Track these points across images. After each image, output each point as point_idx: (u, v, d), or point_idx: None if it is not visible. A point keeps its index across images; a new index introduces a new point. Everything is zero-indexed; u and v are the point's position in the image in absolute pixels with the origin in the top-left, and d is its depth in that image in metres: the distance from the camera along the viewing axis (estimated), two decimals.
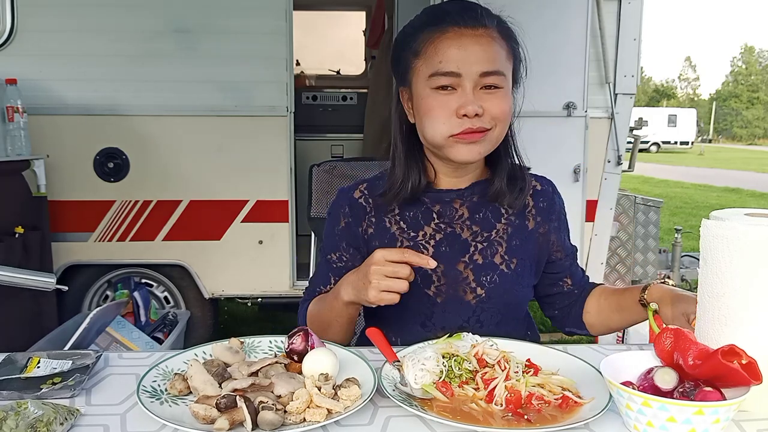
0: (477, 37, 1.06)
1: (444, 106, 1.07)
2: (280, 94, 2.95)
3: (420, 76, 1.10)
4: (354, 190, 1.24)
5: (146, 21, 2.85)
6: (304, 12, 4.79)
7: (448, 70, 1.06)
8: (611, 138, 3.14)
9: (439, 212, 1.19)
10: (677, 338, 0.82)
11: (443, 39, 1.07)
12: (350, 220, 1.22)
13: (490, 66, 1.06)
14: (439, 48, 1.07)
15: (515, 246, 1.19)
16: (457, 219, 1.19)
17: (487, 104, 1.07)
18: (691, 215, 9.19)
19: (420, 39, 1.09)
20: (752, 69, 70.02)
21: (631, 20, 3.06)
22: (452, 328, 1.14)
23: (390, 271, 0.99)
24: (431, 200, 1.19)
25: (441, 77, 1.06)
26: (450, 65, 1.06)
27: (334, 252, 1.23)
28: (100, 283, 3.13)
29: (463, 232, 1.18)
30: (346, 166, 1.70)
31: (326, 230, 1.26)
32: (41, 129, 2.79)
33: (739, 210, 0.93)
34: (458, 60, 1.05)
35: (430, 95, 1.08)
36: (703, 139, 53.83)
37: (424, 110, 1.09)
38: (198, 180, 2.98)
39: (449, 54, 1.06)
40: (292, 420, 0.79)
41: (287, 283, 3.10)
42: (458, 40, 1.06)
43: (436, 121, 1.08)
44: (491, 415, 0.82)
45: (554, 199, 1.25)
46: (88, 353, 0.99)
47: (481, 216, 1.19)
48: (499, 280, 1.17)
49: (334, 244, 1.23)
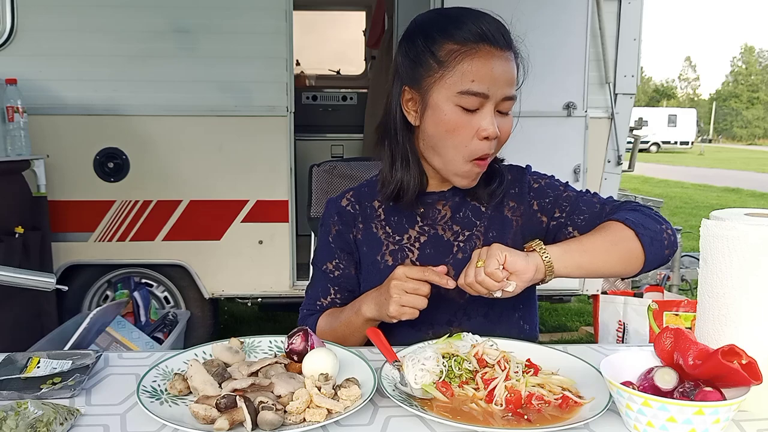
0: (504, 60, 1.06)
1: (468, 126, 1.06)
2: (280, 94, 2.95)
3: (443, 88, 1.07)
4: (341, 198, 1.26)
5: (146, 21, 2.85)
6: (304, 12, 4.80)
7: (480, 91, 1.04)
8: (611, 138, 3.14)
9: (422, 214, 1.20)
10: (677, 338, 0.82)
11: (476, 57, 1.04)
12: (341, 228, 1.24)
13: (511, 90, 1.07)
14: (472, 66, 1.04)
15: (492, 237, 1.19)
16: (440, 220, 1.20)
17: (500, 127, 1.08)
18: (691, 215, 9.19)
19: (446, 48, 1.06)
20: (752, 69, 70.04)
21: (631, 20, 3.06)
22: (440, 323, 1.16)
23: (411, 287, 1.02)
24: (415, 203, 1.19)
25: (471, 97, 1.05)
26: (482, 87, 1.04)
27: (330, 261, 1.24)
28: (100, 283, 3.13)
29: (445, 233, 1.20)
30: (346, 166, 1.70)
31: (319, 241, 1.28)
32: (41, 129, 2.79)
33: (739, 210, 0.93)
34: (490, 82, 1.04)
35: (455, 112, 1.06)
36: (703, 139, 53.82)
37: (447, 127, 1.07)
38: (198, 180, 2.98)
39: (482, 74, 1.04)
40: (292, 420, 0.79)
41: (287, 283, 3.10)
42: (491, 61, 1.05)
43: (457, 142, 1.08)
44: (491, 415, 0.82)
45: (524, 179, 1.23)
46: (88, 353, 0.99)
47: (462, 215, 1.20)
48: None
49: (329, 253, 1.25)
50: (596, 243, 1.06)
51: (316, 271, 1.27)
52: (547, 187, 1.21)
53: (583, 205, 1.17)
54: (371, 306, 1.09)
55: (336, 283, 1.24)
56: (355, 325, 1.13)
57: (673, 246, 1.09)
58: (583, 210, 1.17)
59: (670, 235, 1.09)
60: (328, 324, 1.21)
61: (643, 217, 1.10)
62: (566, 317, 4.37)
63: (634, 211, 1.12)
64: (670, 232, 1.10)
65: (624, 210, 1.13)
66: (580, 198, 1.19)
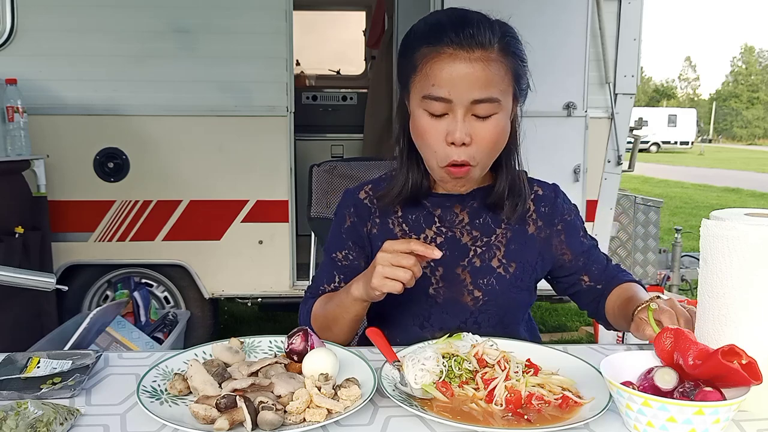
0: (472, 61, 1.00)
1: (434, 131, 1.05)
2: (280, 94, 2.95)
3: (415, 93, 1.07)
4: (359, 190, 1.24)
5: (146, 21, 2.85)
6: (304, 12, 4.79)
7: (439, 96, 1.02)
8: (611, 138, 3.14)
9: (439, 216, 1.19)
10: (677, 338, 0.82)
11: (438, 60, 1.02)
12: (355, 220, 1.22)
13: (483, 93, 1.01)
14: (433, 69, 1.02)
15: (513, 250, 1.19)
16: (458, 224, 1.19)
17: (476, 131, 1.04)
18: (691, 215, 9.19)
19: (419, 53, 1.05)
20: (752, 69, 70.03)
21: (631, 20, 3.06)
22: (450, 329, 1.14)
23: (395, 259, 0.98)
24: (432, 204, 1.19)
25: (432, 102, 1.03)
26: (441, 90, 1.02)
27: (340, 251, 1.23)
28: (100, 283, 3.13)
29: (463, 236, 1.19)
30: (346, 166, 1.70)
31: (332, 230, 1.26)
32: (41, 129, 2.78)
33: (739, 210, 0.93)
34: (449, 85, 1.01)
35: (423, 117, 1.06)
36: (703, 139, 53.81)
37: (418, 132, 1.08)
38: (198, 180, 2.98)
39: (441, 78, 1.01)
40: (292, 420, 0.79)
41: (287, 283, 3.10)
42: (451, 64, 1.01)
43: (427, 148, 1.07)
44: (491, 415, 0.82)
45: (557, 203, 1.23)
46: (88, 353, 0.99)
47: (481, 221, 1.19)
48: (496, 283, 1.17)
49: (340, 243, 1.23)
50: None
51: (326, 256, 1.26)
52: (573, 224, 1.24)
53: (595, 255, 1.24)
54: (360, 285, 1.06)
55: (342, 271, 1.22)
56: (345, 305, 1.10)
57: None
58: (597, 260, 1.24)
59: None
60: (321, 306, 1.20)
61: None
62: (566, 317, 4.37)
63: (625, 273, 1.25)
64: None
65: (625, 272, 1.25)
66: (592, 247, 1.24)
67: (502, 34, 1.04)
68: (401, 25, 3.68)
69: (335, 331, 1.14)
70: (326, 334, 1.15)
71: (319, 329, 1.17)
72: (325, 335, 1.14)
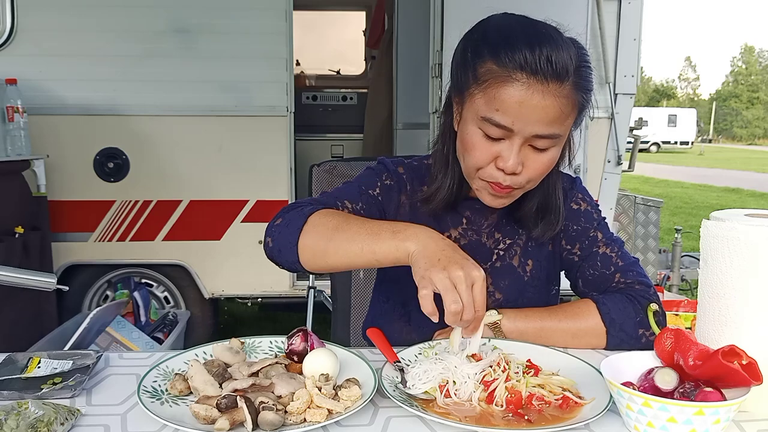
0: (545, 95, 0.93)
1: (487, 151, 0.99)
2: (280, 94, 2.95)
3: (473, 107, 0.99)
4: (398, 165, 1.18)
5: (146, 21, 2.85)
6: (304, 12, 4.79)
7: (502, 123, 0.95)
8: (611, 138, 3.14)
9: (468, 218, 1.18)
10: (677, 338, 0.82)
11: (507, 87, 0.93)
12: (392, 184, 1.16)
13: (548, 129, 0.96)
14: (500, 94, 0.94)
15: (531, 248, 1.18)
16: (485, 228, 1.18)
17: (529, 163, 0.99)
18: (691, 215, 9.19)
19: (485, 68, 0.96)
20: (752, 69, 70.05)
21: (631, 20, 3.06)
22: None
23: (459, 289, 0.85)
24: (462, 206, 1.17)
25: (493, 127, 0.96)
26: (505, 120, 0.95)
27: (370, 187, 1.14)
28: (100, 283, 3.13)
29: (487, 240, 1.18)
30: (346, 166, 1.70)
31: (365, 172, 1.18)
32: (41, 129, 2.79)
33: (739, 210, 0.93)
34: (516, 116, 0.94)
35: (476, 134, 0.99)
36: (703, 139, 53.80)
37: (466, 145, 1.01)
38: (198, 180, 2.98)
39: (508, 106, 0.94)
40: (293, 420, 0.79)
41: (287, 283, 3.10)
42: (524, 93, 0.93)
43: (473, 161, 1.01)
44: (491, 415, 0.82)
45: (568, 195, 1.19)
46: (88, 353, 0.99)
47: (505, 224, 1.18)
48: (515, 283, 1.17)
49: (372, 182, 1.15)
50: (556, 332, 1.06)
51: (354, 182, 1.16)
52: (584, 213, 1.18)
53: (599, 260, 1.14)
54: (420, 246, 0.89)
55: (366, 200, 1.12)
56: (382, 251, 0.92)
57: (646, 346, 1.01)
58: (597, 266, 1.14)
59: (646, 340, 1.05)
60: (335, 220, 0.99)
61: (630, 315, 1.06)
62: None
63: (629, 302, 1.08)
64: (649, 336, 1.05)
65: (621, 295, 1.09)
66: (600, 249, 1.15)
67: (577, 64, 0.97)
68: (401, 25, 3.68)
69: (331, 252, 0.97)
70: (321, 254, 0.99)
71: (314, 240, 0.99)
72: (317, 253, 0.99)
